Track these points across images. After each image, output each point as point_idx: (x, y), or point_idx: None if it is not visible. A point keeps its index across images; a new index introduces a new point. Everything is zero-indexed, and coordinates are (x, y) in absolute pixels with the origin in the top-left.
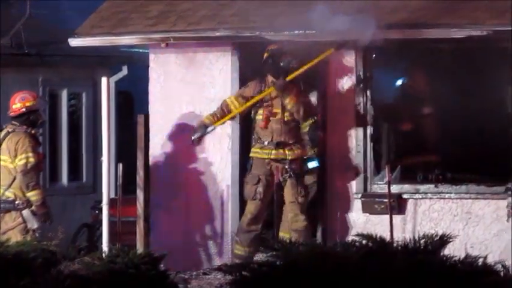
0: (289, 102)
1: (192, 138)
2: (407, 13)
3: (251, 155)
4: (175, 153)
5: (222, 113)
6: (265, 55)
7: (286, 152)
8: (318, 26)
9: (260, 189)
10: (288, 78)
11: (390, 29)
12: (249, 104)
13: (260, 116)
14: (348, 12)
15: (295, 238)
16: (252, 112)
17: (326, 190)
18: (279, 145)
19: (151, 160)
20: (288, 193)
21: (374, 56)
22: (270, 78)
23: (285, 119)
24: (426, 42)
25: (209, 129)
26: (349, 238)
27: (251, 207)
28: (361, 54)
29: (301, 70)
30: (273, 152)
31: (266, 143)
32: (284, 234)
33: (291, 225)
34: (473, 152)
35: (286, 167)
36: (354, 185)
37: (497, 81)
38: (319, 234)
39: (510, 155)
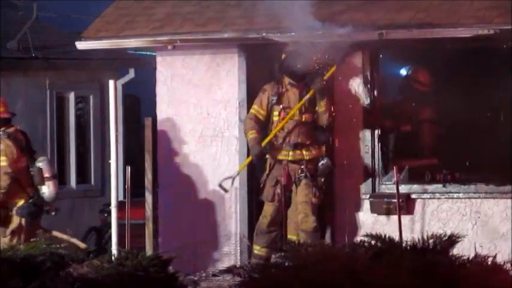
0: (322, 105)
1: (225, 186)
2: (414, 12)
3: (268, 156)
4: (183, 155)
5: (257, 125)
6: (283, 56)
7: (304, 152)
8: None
9: (279, 190)
10: (325, 77)
11: (397, 28)
12: (295, 109)
13: (276, 117)
14: (354, 11)
15: (303, 239)
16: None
17: (334, 191)
18: (296, 146)
19: (159, 162)
20: (301, 193)
21: (381, 56)
22: (286, 80)
23: (303, 119)
24: (432, 42)
25: (235, 175)
26: (358, 239)
27: (270, 209)
28: (367, 54)
29: (332, 70)
30: (291, 153)
31: (284, 144)
32: (291, 235)
33: (300, 225)
34: (482, 152)
35: (303, 167)
36: (362, 186)
37: (505, 81)
38: (327, 235)
39: None
